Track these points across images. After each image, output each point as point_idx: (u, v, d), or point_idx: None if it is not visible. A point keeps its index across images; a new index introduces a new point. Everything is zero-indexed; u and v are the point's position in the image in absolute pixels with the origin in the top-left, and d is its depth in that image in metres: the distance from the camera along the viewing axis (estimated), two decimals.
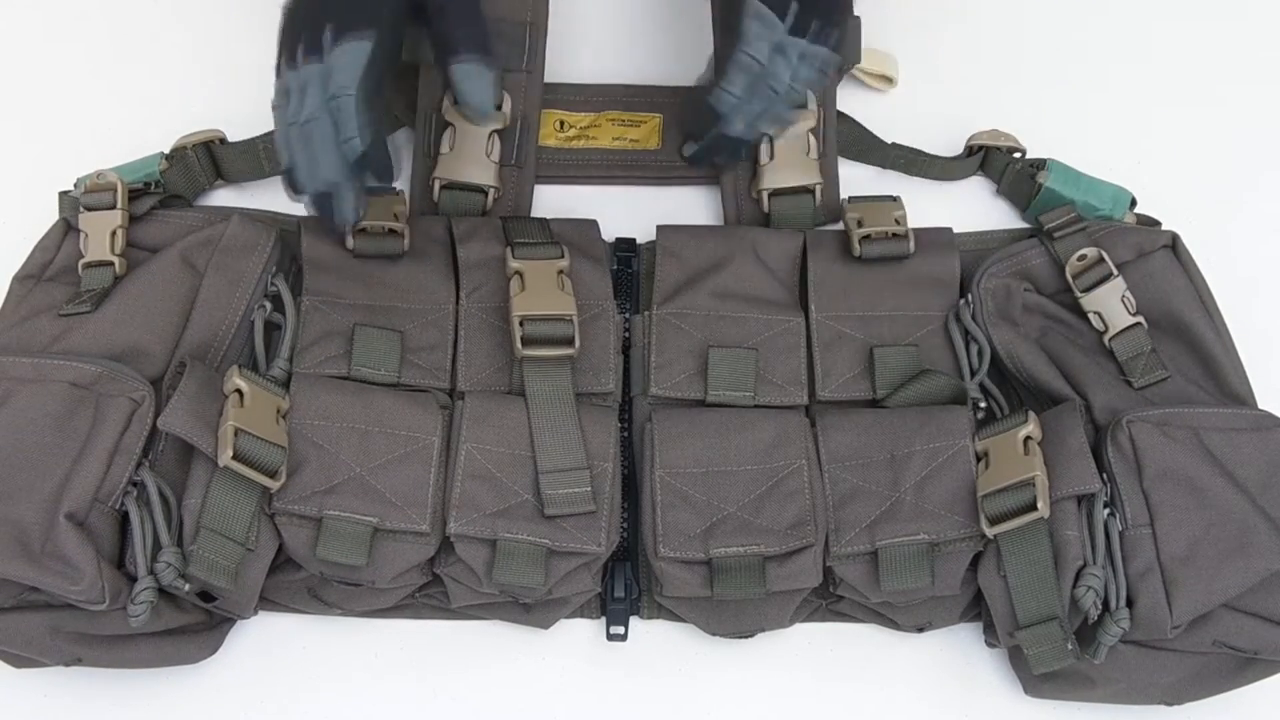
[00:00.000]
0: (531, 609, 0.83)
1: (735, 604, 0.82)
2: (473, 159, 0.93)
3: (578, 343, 0.84)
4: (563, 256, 0.88)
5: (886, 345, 0.88)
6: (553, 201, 0.98)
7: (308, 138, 0.79)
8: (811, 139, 0.95)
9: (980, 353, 0.88)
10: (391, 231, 0.89)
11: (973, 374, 0.87)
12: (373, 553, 0.79)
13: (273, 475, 0.78)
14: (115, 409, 0.78)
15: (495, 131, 0.94)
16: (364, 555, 0.78)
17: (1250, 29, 1.09)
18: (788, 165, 0.95)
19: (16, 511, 0.74)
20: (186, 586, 0.77)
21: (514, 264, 0.87)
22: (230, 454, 0.77)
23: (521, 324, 0.84)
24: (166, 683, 0.83)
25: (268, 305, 0.87)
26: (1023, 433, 0.81)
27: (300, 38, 0.80)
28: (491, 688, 0.84)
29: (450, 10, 0.82)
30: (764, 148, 0.95)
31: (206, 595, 0.80)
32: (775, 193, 0.95)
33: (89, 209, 0.88)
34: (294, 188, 0.81)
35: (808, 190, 0.95)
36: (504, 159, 0.95)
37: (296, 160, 0.80)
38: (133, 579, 0.76)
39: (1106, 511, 0.80)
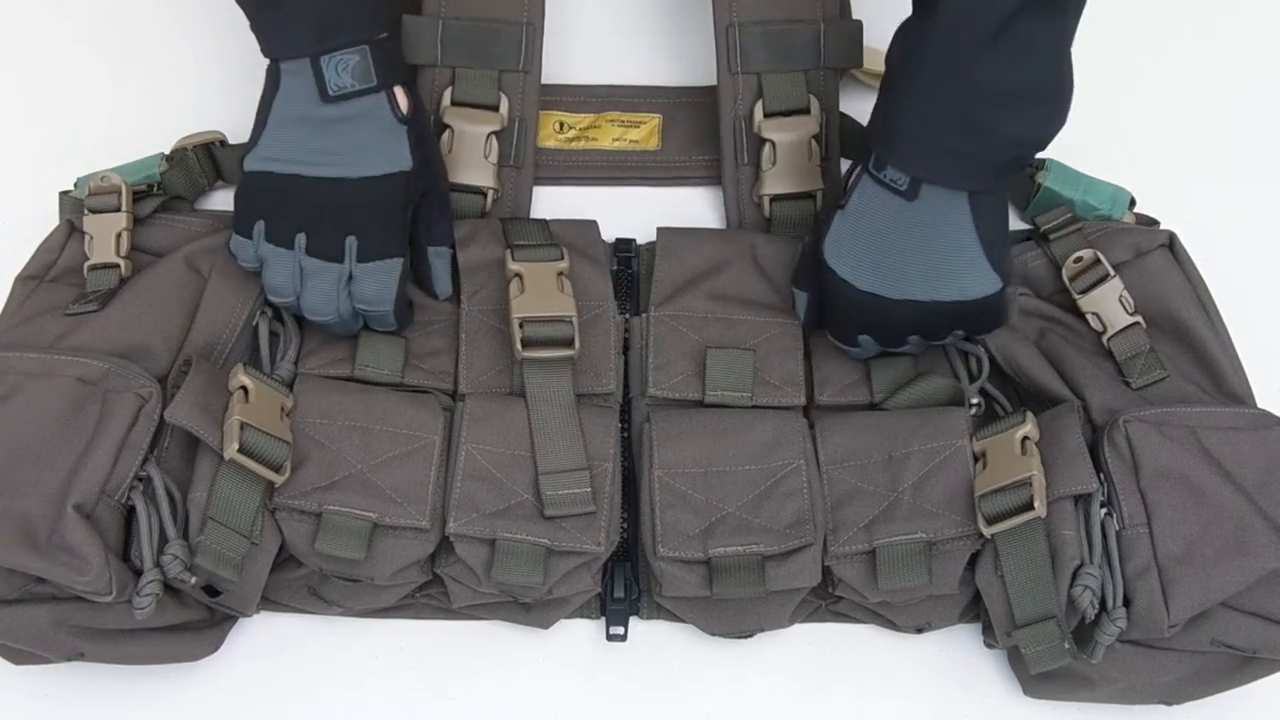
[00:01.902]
0: (531, 609, 0.83)
1: (734, 604, 0.82)
2: (471, 161, 0.94)
3: (578, 343, 0.85)
4: (562, 258, 0.88)
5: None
6: (553, 202, 0.98)
7: (324, 315, 0.84)
8: (814, 144, 0.95)
9: (979, 360, 0.88)
10: None
11: (973, 380, 0.87)
12: (372, 548, 0.79)
13: (277, 469, 0.79)
14: (123, 404, 0.79)
15: (493, 133, 0.94)
16: (363, 549, 0.78)
17: (1250, 29, 1.09)
18: (790, 170, 0.95)
19: (23, 504, 0.74)
20: (192, 579, 0.77)
21: (513, 266, 0.87)
22: (236, 447, 0.77)
23: (521, 325, 0.84)
24: (167, 681, 0.83)
25: (269, 312, 0.88)
26: (1020, 433, 0.81)
27: (299, 228, 0.83)
28: (491, 688, 0.84)
29: (432, 198, 0.88)
30: (766, 152, 0.95)
31: (210, 590, 0.80)
32: (777, 198, 0.95)
33: (93, 211, 0.88)
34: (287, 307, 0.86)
35: (809, 195, 0.95)
36: (502, 160, 0.95)
37: (304, 312, 0.85)
38: (138, 572, 0.77)
39: (1104, 511, 0.80)
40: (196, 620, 0.82)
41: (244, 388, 0.80)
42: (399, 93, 0.84)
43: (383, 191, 0.83)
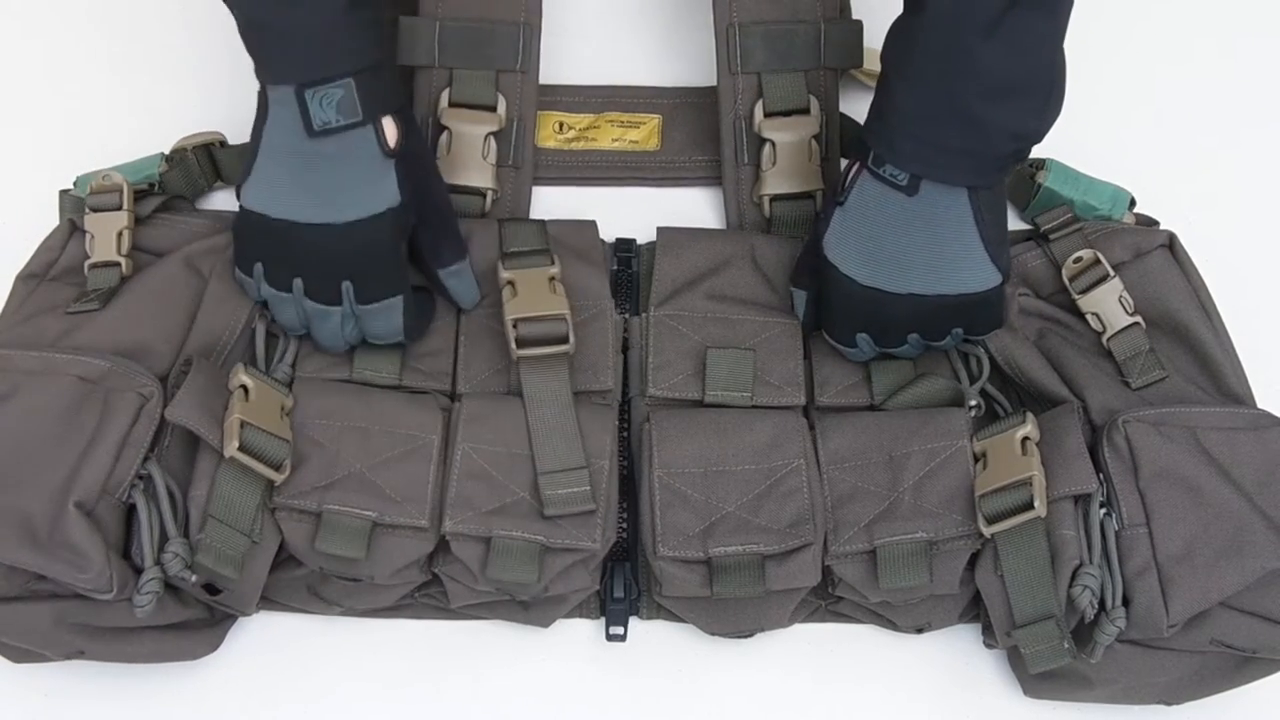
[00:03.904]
0: (530, 607, 0.83)
1: (734, 604, 0.82)
2: (469, 161, 0.94)
3: (572, 339, 0.85)
4: (553, 264, 0.88)
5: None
6: (552, 203, 0.98)
7: (333, 346, 0.86)
8: (814, 144, 0.95)
9: (979, 361, 0.88)
10: None
11: (973, 381, 0.87)
12: (371, 547, 0.79)
13: (277, 468, 0.79)
14: (124, 403, 0.79)
15: (491, 133, 0.94)
16: (362, 549, 0.78)
17: (1250, 30, 1.09)
18: (790, 171, 0.95)
19: (23, 501, 0.75)
20: (193, 578, 0.77)
21: (505, 274, 0.87)
22: (236, 445, 0.77)
23: (515, 326, 0.84)
24: (167, 679, 0.83)
25: (269, 314, 0.88)
26: (1020, 433, 0.81)
27: (297, 273, 0.83)
28: (491, 687, 0.84)
29: (433, 224, 0.87)
30: (766, 152, 0.95)
31: (211, 589, 0.80)
32: (777, 198, 0.95)
33: (95, 210, 0.88)
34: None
35: (809, 195, 0.95)
36: (501, 160, 0.95)
37: (315, 343, 0.87)
38: (139, 571, 0.77)
39: (1103, 511, 0.80)
40: (196, 619, 0.82)
41: (244, 387, 0.80)
42: (387, 124, 0.81)
43: (371, 233, 0.81)
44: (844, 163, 0.87)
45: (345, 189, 0.80)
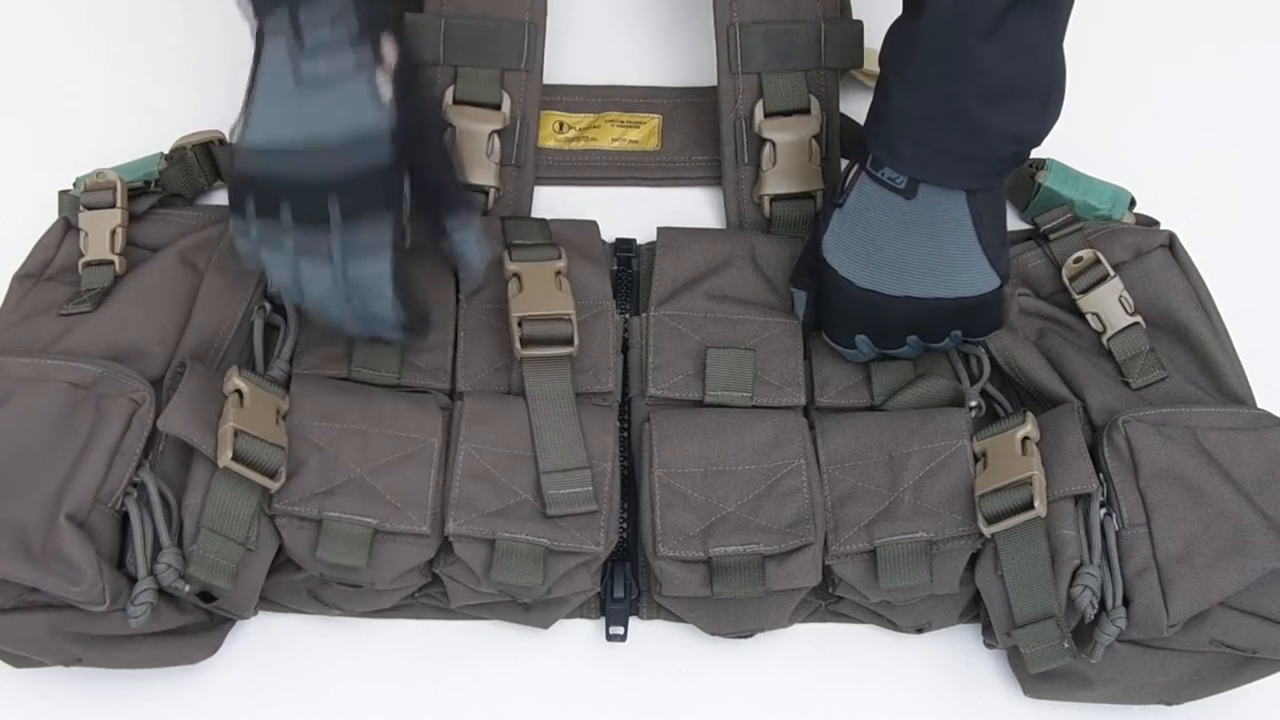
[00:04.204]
0: (531, 609, 0.83)
1: (735, 604, 0.82)
2: (472, 160, 0.94)
3: (576, 342, 0.85)
4: (560, 258, 0.88)
5: None
6: (553, 202, 0.98)
7: (327, 304, 0.80)
8: (814, 144, 0.95)
9: (980, 361, 0.88)
10: None
11: (973, 381, 0.87)
12: (373, 554, 0.79)
13: (272, 476, 0.78)
14: (116, 410, 0.78)
15: (494, 132, 0.94)
16: (364, 557, 0.78)
17: (1250, 30, 1.09)
18: (790, 170, 0.95)
19: (17, 512, 0.74)
20: (186, 587, 0.77)
21: (511, 266, 0.87)
22: (230, 455, 0.77)
23: (520, 324, 0.84)
24: (166, 683, 0.83)
25: (268, 306, 0.88)
26: (1020, 433, 0.81)
27: (284, 197, 0.77)
28: (491, 688, 0.84)
29: (436, 166, 0.82)
30: (767, 152, 0.95)
31: (206, 596, 0.80)
32: (777, 198, 0.95)
33: (89, 208, 0.88)
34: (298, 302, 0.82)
35: (809, 195, 0.95)
36: (504, 159, 0.95)
37: (308, 304, 0.81)
38: (133, 579, 0.76)
39: (1103, 511, 0.80)
40: (194, 624, 0.82)
41: (239, 391, 0.80)
42: (384, 43, 0.77)
43: (362, 151, 0.76)
44: (844, 164, 0.87)
45: (339, 108, 0.76)
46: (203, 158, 0.96)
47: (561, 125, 1.01)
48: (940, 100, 0.76)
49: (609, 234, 0.95)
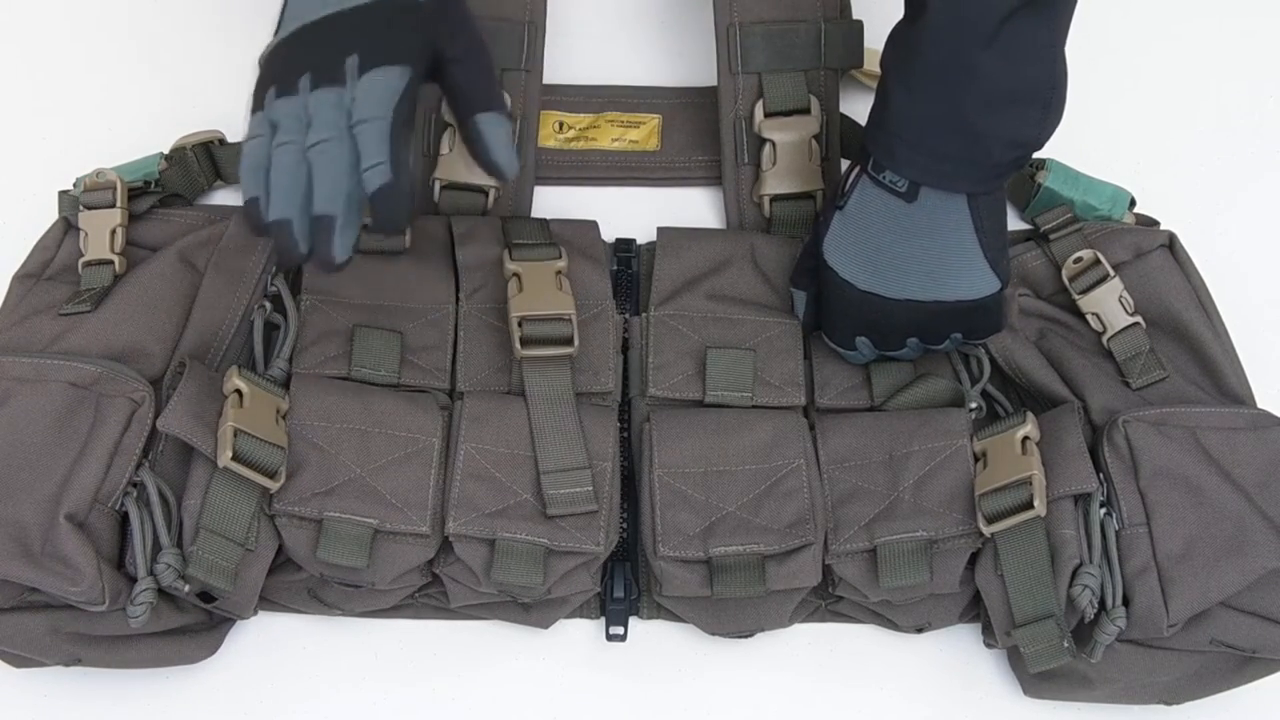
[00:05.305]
0: (531, 609, 0.83)
1: (735, 604, 0.82)
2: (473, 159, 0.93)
3: (576, 342, 0.85)
4: (560, 257, 0.88)
5: None
6: (552, 203, 0.98)
7: (309, 162, 0.70)
8: (814, 144, 0.95)
9: (980, 362, 0.88)
10: None
11: (974, 382, 0.88)
12: (373, 554, 0.79)
13: (272, 476, 0.78)
14: (115, 409, 0.78)
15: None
16: (364, 557, 0.78)
17: (1250, 29, 1.09)
18: (790, 171, 0.95)
19: (16, 512, 0.74)
20: (186, 588, 0.77)
21: (511, 266, 0.87)
22: (229, 455, 0.77)
23: (520, 324, 0.84)
24: (166, 683, 0.83)
25: (267, 305, 0.88)
26: (1020, 433, 0.81)
27: (304, 69, 0.71)
28: (491, 688, 0.84)
29: (468, 61, 0.76)
30: (767, 152, 0.95)
31: (206, 596, 0.80)
32: (777, 198, 0.95)
33: (89, 208, 0.88)
34: (263, 218, 0.70)
35: (809, 195, 0.95)
36: None
37: (280, 184, 0.69)
38: (132, 579, 0.76)
39: (1103, 511, 0.80)
40: (194, 624, 0.82)
41: (238, 391, 0.80)
42: None
43: (385, 10, 0.73)
44: (844, 166, 0.87)
45: None
46: (203, 158, 0.96)
47: (561, 125, 1.01)
48: (941, 106, 0.76)
49: (609, 234, 0.95)
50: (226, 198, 0.97)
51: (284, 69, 0.73)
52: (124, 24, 1.05)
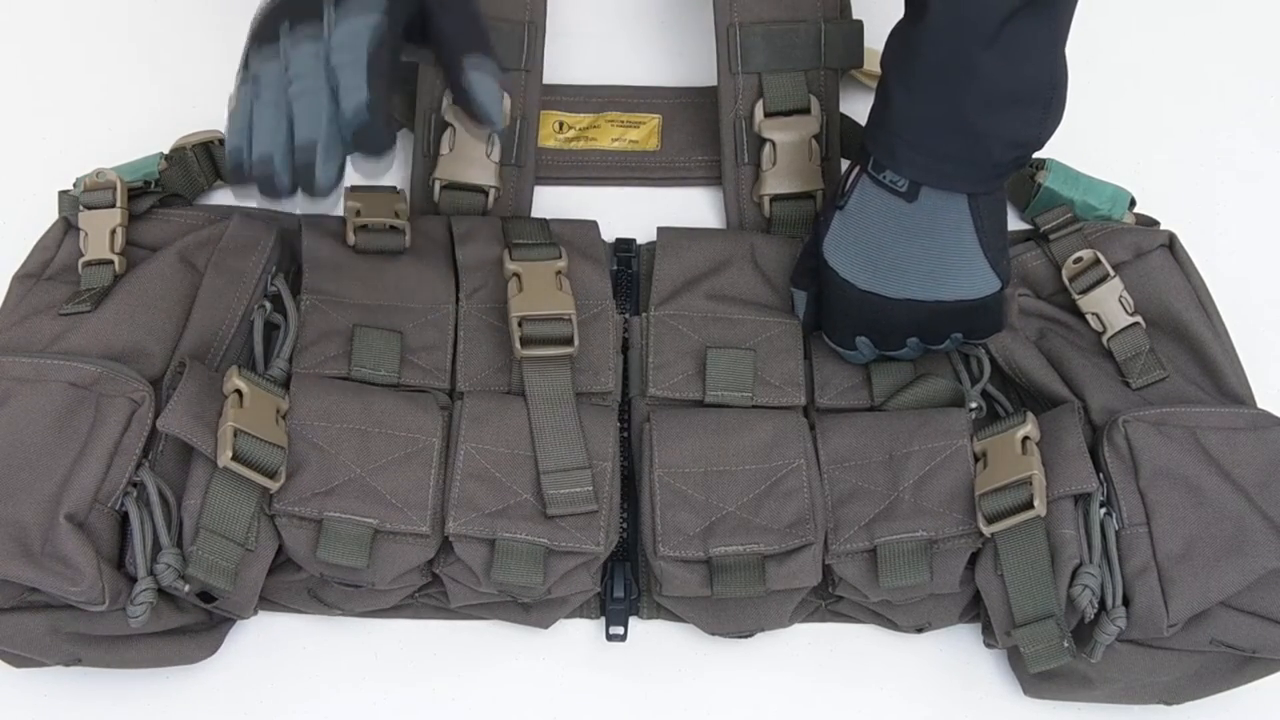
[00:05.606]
0: (531, 609, 0.83)
1: (735, 603, 0.82)
2: (472, 159, 0.94)
3: (576, 342, 0.85)
4: (560, 257, 0.88)
5: None
6: (553, 202, 0.98)
7: (289, 101, 0.70)
8: (814, 144, 0.95)
9: (980, 362, 0.88)
10: (392, 228, 0.90)
11: (974, 382, 0.88)
12: (373, 554, 0.79)
13: (272, 476, 0.78)
14: (115, 409, 0.78)
15: (494, 131, 0.94)
16: (365, 557, 0.78)
17: (1251, 29, 1.09)
18: (790, 170, 0.95)
19: (16, 512, 0.74)
20: (186, 587, 0.77)
21: (511, 266, 0.87)
22: (229, 455, 0.77)
23: (520, 324, 0.84)
24: (166, 683, 0.83)
25: (268, 305, 0.88)
26: (1020, 433, 0.81)
27: (285, 22, 0.71)
28: (491, 688, 0.84)
29: (453, 5, 0.76)
30: (767, 152, 0.95)
31: (206, 596, 0.80)
32: (777, 198, 0.95)
33: (89, 207, 0.88)
34: (245, 164, 0.70)
35: (809, 195, 0.95)
36: (504, 159, 0.95)
37: (262, 125, 0.70)
38: (132, 579, 0.76)
39: (1103, 511, 0.80)
40: (194, 624, 0.82)
41: (238, 391, 0.80)
42: None
43: None
44: (845, 166, 0.87)
45: None
46: (203, 158, 0.96)
47: (561, 125, 1.01)
48: (941, 106, 0.76)
49: (609, 234, 0.95)
50: (226, 198, 0.97)
51: (269, 23, 0.72)
52: (124, 24, 1.05)
